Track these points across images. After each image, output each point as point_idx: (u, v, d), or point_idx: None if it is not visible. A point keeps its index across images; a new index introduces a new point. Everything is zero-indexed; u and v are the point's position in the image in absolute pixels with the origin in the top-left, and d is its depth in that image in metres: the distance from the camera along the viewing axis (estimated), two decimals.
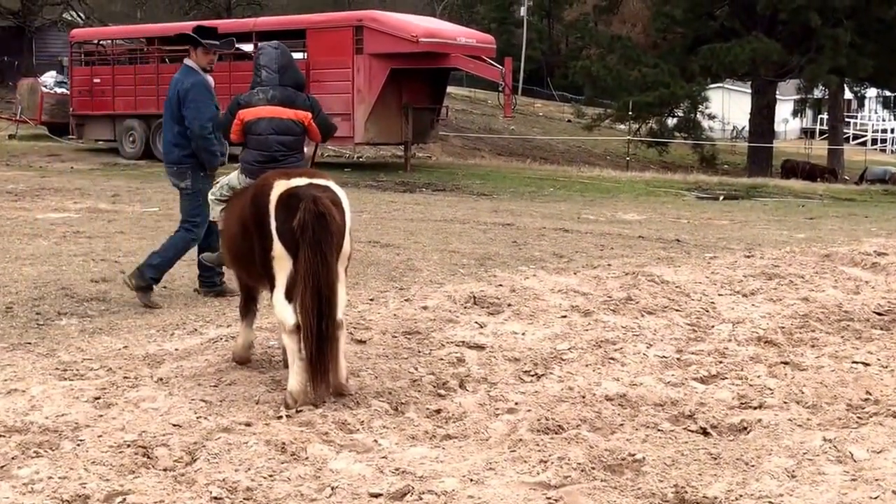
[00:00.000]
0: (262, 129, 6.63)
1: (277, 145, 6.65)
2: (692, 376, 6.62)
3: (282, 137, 6.65)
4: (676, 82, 40.15)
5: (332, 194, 6.00)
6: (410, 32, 24.05)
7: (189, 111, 9.20)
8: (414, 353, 7.09)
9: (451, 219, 16.28)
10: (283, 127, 6.64)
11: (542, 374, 6.68)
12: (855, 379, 6.47)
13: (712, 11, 42.88)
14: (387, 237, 13.38)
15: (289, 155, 6.68)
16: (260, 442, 5.21)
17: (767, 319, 8.20)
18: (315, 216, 5.72)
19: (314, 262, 5.73)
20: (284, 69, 6.66)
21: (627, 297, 8.82)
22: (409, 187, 23.09)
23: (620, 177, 28.84)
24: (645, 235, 14.64)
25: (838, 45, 37.40)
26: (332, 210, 5.80)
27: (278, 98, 6.63)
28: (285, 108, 6.63)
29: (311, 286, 5.74)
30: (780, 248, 12.22)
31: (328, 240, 5.76)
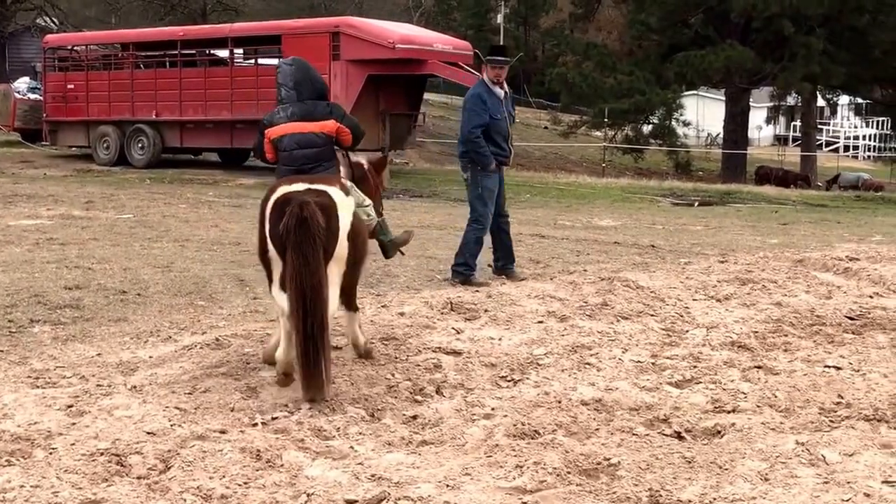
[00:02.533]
0: (287, 144, 6.90)
1: (303, 158, 6.89)
2: (667, 381, 6.64)
3: (306, 151, 6.89)
4: (651, 89, 40.32)
5: (325, 199, 6.18)
6: (387, 39, 24.02)
7: (462, 118, 10.75)
8: (391, 360, 7.08)
9: (429, 225, 16.27)
10: (305, 140, 6.88)
11: (518, 380, 6.69)
12: (827, 383, 6.51)
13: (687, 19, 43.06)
14: None
15: (316, 166, 6.87)
16: (235, 449, 5.18)
17: (741, 324, 8.24)
18: (298, 221, 5.94)
19: (297, 265, 5.95)
20: (300, 84, 6.92)
21: (603, 303, 8.85)
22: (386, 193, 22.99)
23: (596, 183, 28.92)
24: (620, 241, 14.68)
25: (811, 52, 37.63)
26: (316, 215, 5.97)
27: (298, 114, 6.89)
28: (305, 122, 6.87)
29: (295, 288, 5.96)
30: (754, 254, 12.30)
31: (310, 243, 5.95)
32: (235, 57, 27.42)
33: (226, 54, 27.36)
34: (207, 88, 26.28)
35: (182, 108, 26.56)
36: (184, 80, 26.55)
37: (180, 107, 26.57)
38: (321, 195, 6.21)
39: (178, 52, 27.15)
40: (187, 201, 19.34)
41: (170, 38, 28.06)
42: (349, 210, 6.40)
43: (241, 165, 28.55)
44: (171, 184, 23.50)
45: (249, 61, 28.02)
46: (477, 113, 10.49)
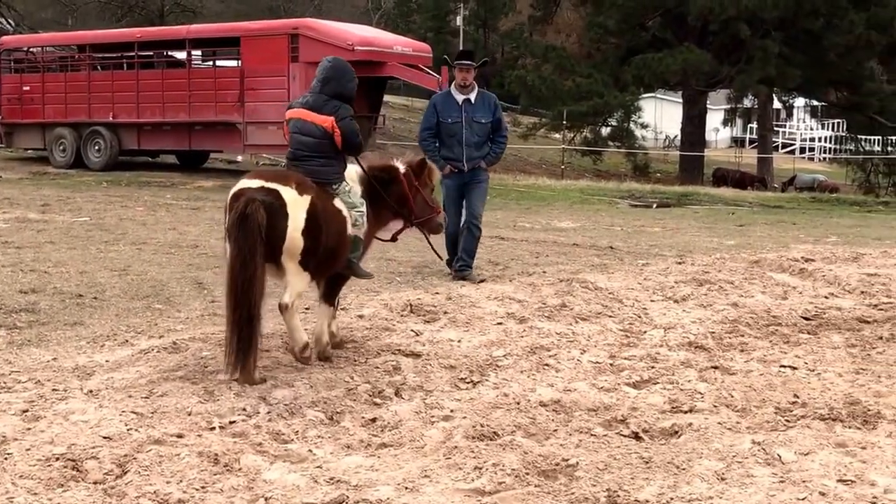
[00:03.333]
0: (291, 127, 7.17)
1: (299, 144, 7.10)
2: (625, 381, 6.68)
3: (303, 138, 7.09)
4: (610, 92, 40.50)
5: (272, 197, 6.40)
6: (346, 41, 23.97)
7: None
8: (350, 362, 7.06)
9: None
10: (305, 128, 7.08)
11: (477, 381, 6.70)
12: (783, 382, 6.57)
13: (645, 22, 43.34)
14: None
15: (311, 157, 7.04)
16: (192, 453, 5.14)
17: (698, 325, 8.30)
18: (239, 217, 6.27)
19: (232, 258, 6.31)
20: (328, 80, 7.15)
21: (562, 304, 8.88)
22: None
23: (556, 185, 29.02)
24: (579, 243, 14.74)
25: (767, 55, 37.99)
26: (257, 213, 6.24)
27: (310, 103, 7.14)
28: (312, 112, 7.08)
29: (229, 280, 6.32)
30: (711, 255, 12.39)
31: (247, 238, 6.23)
32: (193, 59, 27.27)
33: (183, 56, 27.20)
34: (165, 90, 26.12)
35: (139, 111, 26.39)
36: (141, 82, 26.37)
37: (137, 109, 26.39)
38: (270, 193, 6.43)
39: (135, 53, 26.94)
40: (145, 204, 19.20)
41: (127, 40, 27.86)
42: (302, 208, 6.53)
43: (200, 167, 28.40)
44: (129, 186, 23.31)
45: (208, 63, 27.87)
46: (426, 116, 11.03)
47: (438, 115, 10.85)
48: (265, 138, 25.30)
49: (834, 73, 41.39)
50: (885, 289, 9.85)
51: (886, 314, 8.85)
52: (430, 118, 10.94)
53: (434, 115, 10.89)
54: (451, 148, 10.74)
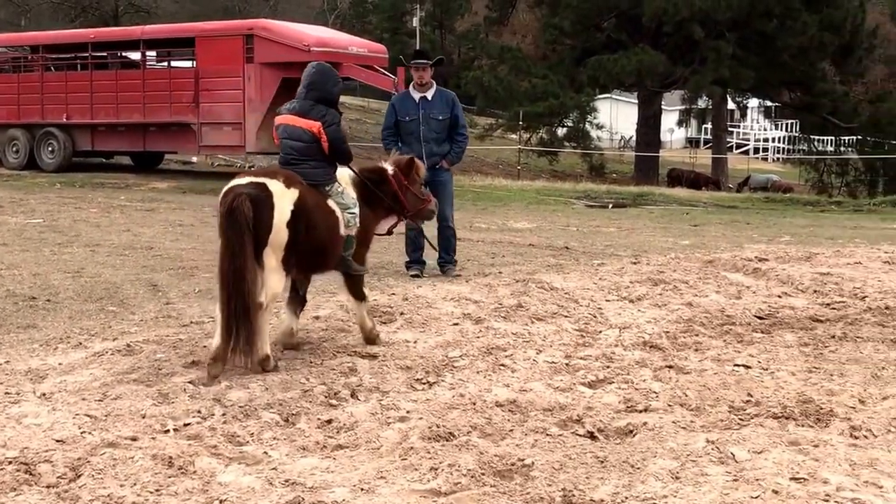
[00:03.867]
0: (280, 133, 7.44)
1: (289, 149, 7.34)
2: (580, 381, 6.70)
3: (292, 143, 7.32)
4: (565, 93, 40.63)
5: (259, 191, 6.65)
6: (302, 41, 23.88)
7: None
8: (306, 364, 7.04)
9: None
10: (294, 133, 7.31)
11: (433, 382, 6.69)
12: (737, 381, 6.62)
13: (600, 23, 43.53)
14: None
15: (301, 160, 7.26)
16: (146, 456, 5.11)
17: (653, 324, 8.35)
18: (227, 210, 6.54)
19: (222, 250, 6.57)
20: (311, 85, 7.37)
21: (518, 304, 8.90)
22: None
23: (512, 185, 29.08)
24: (535, 243, 14.78)
25: (721, 56, 38.29)
26: (244, 206, 6.50)
27: (297, 109, 7.37)
28: (299, 117, 7.31)
29: (220, 271, 6.56)
30: (666, 255, 12.46)
31: (235, 231, 6.49)
32: (148, 59, 27.06)
33: (138, 57, 26.99)
34: (119, 91, 25.91)
35: (93, 112, 26.16)
36: (95, 83, 26.15)
37: (91, 110, 26.16)
38: (257, 187, 6.68)
39: (88, 54, 26.70)
40: (99, 205, 19.03)
41: (81, 41, 27.61)
42: (289, 200, 6.74)
43: (154, 169, 28.18)
44: (83, 188, 23.10)
45: (162, 64, 27.66)
46: (385, 117, 11.37)
47: (397, 115, 11.04)
48: (220, 139, 25.17)
49: (787, 74, 41.78)
50: (838, 288, 9.96)
51: (839, 313, 8.95)
52: (389, 118, 11.21)
53: (392, 115, 11.12)
54: (410, 146, 10.79)
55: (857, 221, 21.82)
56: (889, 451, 5.23)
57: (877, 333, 8.20)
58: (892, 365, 7.18)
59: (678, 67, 40.63)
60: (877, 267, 11.21)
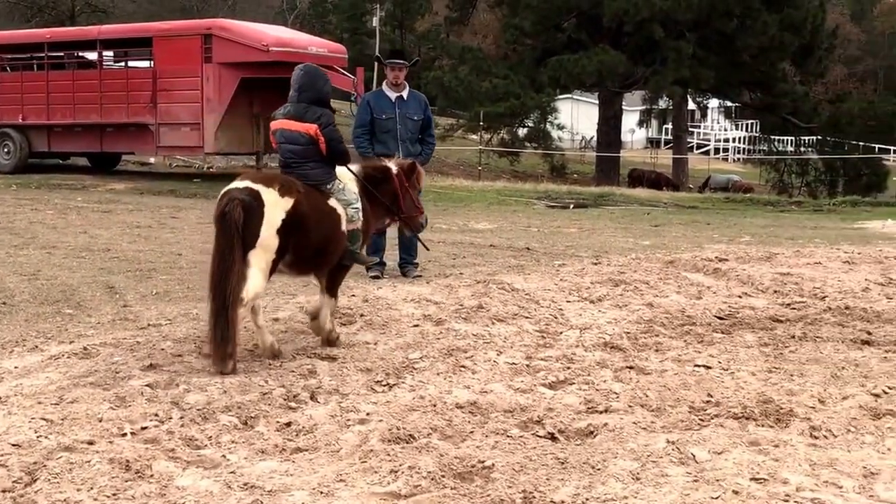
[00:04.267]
0: (278, 137, 7.66)
1: (287, 153, 7.59)
2: (541, 382, 6.72)
3: (290, 146, 7.56)
4: (526, 93, 40.67)
5: (251, 197, 6.90)
6: (261, 41, 23.78)
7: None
8: (264, 366, 7.02)
9: None
10: (291, 137, 7.55)
11: (393, 384, 6.69)
12: (697, 382, 6.66)
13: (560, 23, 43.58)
14: None
15: (301, 163, 7.52)
16: (103, 460, 5.07)
17: (613, 325, 8.39)
18: (219, 214, 6.86)
19: (213, 252, 6.90)
20: (302, 88, 7.57)
21: (479, 306, 8.92)
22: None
23: (473, 186, 29.10)
24: (496, 244, 14.81)
25: (681, 57, 38.45)
26: (235, 210, 6.79)
27: (291, 112, 7.59)
28: (294, 121, 7.53)
29: (210, 270, 6.87)
30: (626, 256, 12.53)
31: (225, 235, 6.80)
32: (105, 59, 26.85)
33: (95, 57, 26.77)
34: (76, 91, 25.67)
35: (49, 112, 25.92)
36: (51, 84, 25.90)
37: (48, 110, 25.92)
38: (250, 194, 6.94)
39: (45, 54, 26.44)
40: (55, 207, 18.86)
41: (36, 41, 27.33)
42: (282, 208, 6.99)
43: (112, 170, 27.96)
44: (39, 189, 22.88)
45: (119, 64, 27.44)
46: (360, 114, 11.23)
47: (372, 113, 10.97)
48: (178, 140, 24.99)
49: (747, 74, 42.05)
50: (798, 288, 10.06)
51: (799, 313, 9.04)
52: (364, 116, 11.10)
53: (368, 113, 11.04)
54: (385, 144, 10.77)
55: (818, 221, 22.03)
56: (849, 451, 5.29)
57: (836, 333, 8.28)
58: (852, 365, 7.25)
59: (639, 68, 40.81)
60: (836, 267, 11.33)
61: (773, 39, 38.89)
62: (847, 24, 79.77)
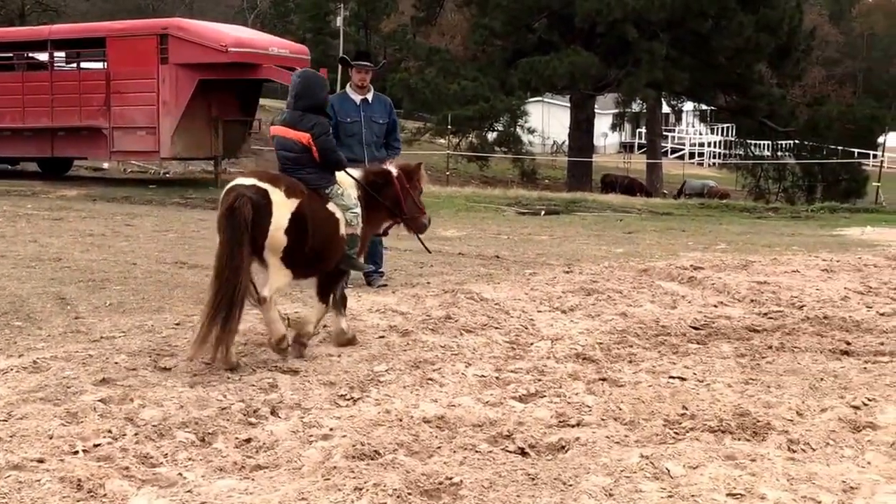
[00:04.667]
0: (275, 144, 8.02)
1: (284, 159, 7.93)
2: (511, 395, 6.73)
3: (286, 153, 7.89)
4: (496, 96, 40.76)
5: (259, 196, 7.23)
6: (219, 42, 23.72)
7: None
8: (223, 380, 6.99)
9: None
10: (286, 144, 7.88)
11: (358, 398, 6.68)
12: (672, 394, 6.69)
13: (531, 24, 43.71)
14: (195, 258, 13.15)
15: (297, 168, 7.80)
16: (54, 479, 5.03)
17: (586, 335, 8.42)
18: (228, 209, 7.14)
19: (220, 247, 7.16)
20: (299, 96, 7.90)
21: (447, 316, 8.94)
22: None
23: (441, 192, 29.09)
24: (465, 252, 14.82)
25: (655, 58, 38.64)
26: (244, 207, 7.08)
27: (287, 120, 7.93)
28: (289, 128, 7.87)
29: (216, 265, 7.18)
30: (599, 264, 12.58)
31: (234, 230, 7.07)
32: (56, 60, 26.69)
33: (45, 58, 26.61)
34: (25, 94, 25.53)
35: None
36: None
37: None
38: (258, 192, 7.26)
39: None
40: (3, 215, 18.71)
41: None
42: (288, 209, 7.34)
43: (63, 176, 27.78)
44: None
45: (71, 65, 27.29)
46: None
47: (337, 116, 10.88)
48: (133, 144, 24.88)
49: (722, 77, 42.34)
50: (775, 297, 10.13)
51: (776, 323, 9.10)
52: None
53: (332, 117, 10.91)
54: (350, 148, 10.70)
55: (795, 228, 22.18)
56: (828, 465, 5.32)
57: (815, 343, 8.34)
58: (831, 376, 7.30)
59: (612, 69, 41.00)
60: (815, 275, 11.42)
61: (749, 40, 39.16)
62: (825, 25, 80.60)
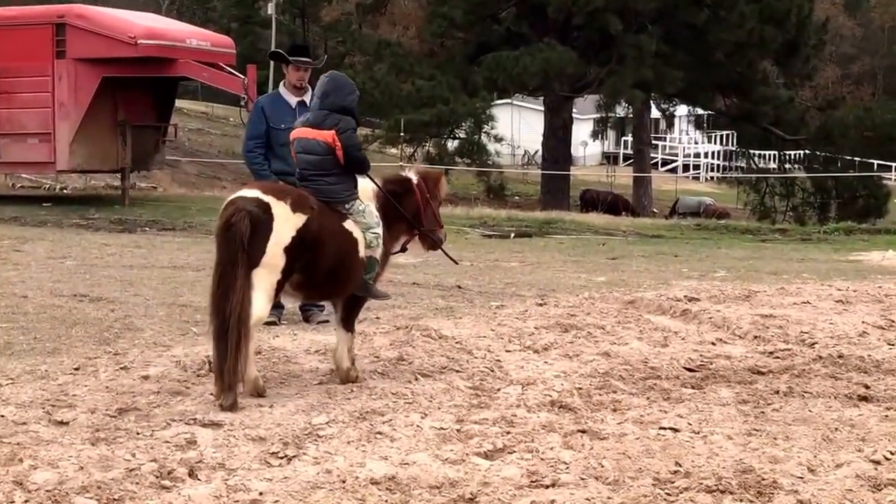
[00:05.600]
0: (296, 147, 8.37)
1: (304, 164, 8.27)
2: (474, 451, 6.71)
3: (307, 157, 8.25)
4: (457, 97, 40.83)
5: (260, 210, 7.51)
6: (127, 33, 23.64)
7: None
8: (131, 436, 6.93)
9: (183, 265, 16.06)
10: (308, 146, 8.24)
11: (293, 456, 6.64)
12: (663, 448, 6.70)
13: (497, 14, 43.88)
14: (98, 289, 13.07)
15: (318, 176, 8.18)
16: None
17: (562, 379, 8.43)
18: (223, 225, 7.45)
19: (215, 266, 7.53)
20: (326, 95, 8.30)
21: (399, 357, 8.94)
22: (127, 226, 22.65)
23: None
24: (420, 281, 14.82)
25: (642, 54, 38.77)
26: (241, 223, 7.37)
27: (311, 120, 8.32)
28: (313, 129, 8.24)
29: (213, 287, 7.53)
30: (578, 295, 12.61)
31: (229, 248, 7.40)
32: None
33: None
34: None
35: None
36: None
37: None
38: (260, 206, 7.55)
39: None
40: None
41: None
42: (292, 225, 7.63)
43: None
44: None
45: None
46: (253, 123, 11.24)
47: (268, 122, 10.82)
48: (24, 154, 24.74)
49: (721, 76, 42.59)
50: (782, 333, 10.19)
51: (783, 363, 9.15)
52: (258, 126, 10.97)
53: (262, 122, 10.87)
54: (285, 160, 10.44)
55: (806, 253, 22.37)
56: None
57: (829, 387, 8.39)
58: (847, 426, 7.34)
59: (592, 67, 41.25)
60: (828, 307, 11.51)
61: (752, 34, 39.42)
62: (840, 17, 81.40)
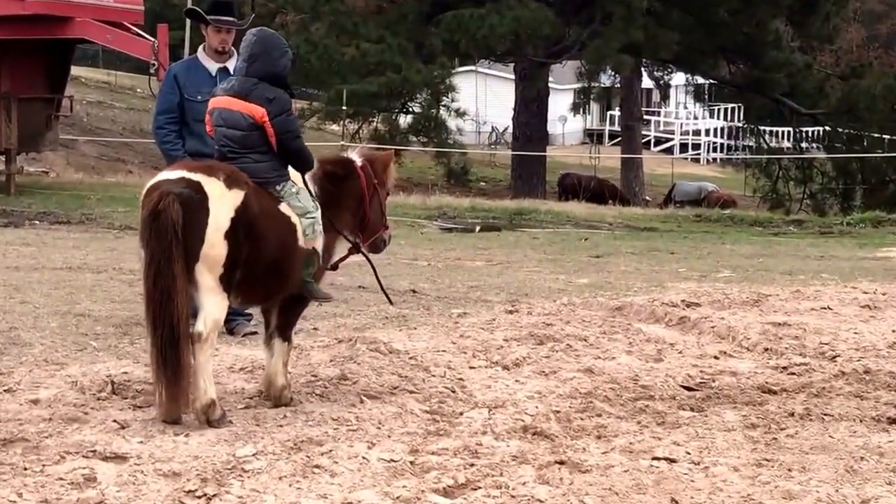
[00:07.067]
0: (215, 119, 8.16)
1: (224, 139, 8.09)
2: (432, 487, 6.71)
3: (229, 131, 8.05)
4: (410, 64, 40.77)
5: (191, 191, 7.40)
6: None
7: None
8: (17, 472, 6.89)
9: (80, 266, 15.99)
10: (231, 119, 8.03)
11: (213, 495, 6.63)
12: (656, 482, 6.72)
13: None
14: None
15: (241, 154, 8.01)
16: None
17: (537, 401, 8.44)
18: (150, 215, 7.35)
19: (146, 267, 7.43)
20: (253, 58, 8.09)
21: (341, 376, 8.93)
22: (13, 219, 22.55)
23: None
24: (367, 285, 14.80)
25: (632, 13, 38.79)
26: (171, 208, 7.25)
27: (236, 88, 8.08)
28: (238, 99, 8.00)
29: (145, 289, 7.47)
30: (556, 300, 12.63)
31: (161, 241, 7.29)
32: None
33: None
34: None
35: None
36: None
37: None
38: (189, 186, 7.44)
39: None
40: None
41: None
42: (230, 205, 7.50)
43: None
44: None
45: None
46: (164, 95, 11.16)
47: (182, 92, 10.71)
48: None
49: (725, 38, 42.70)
50: (798, 344, 10.23)
51: (799, 380, 9.18)
52: (170, 97, 10.88)
53: (175, 93, 10.75)
54: (202, 138, 10.31)
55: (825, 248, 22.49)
56: None
57: (853, 409, 8.43)
58: (874, 454, 7.38)
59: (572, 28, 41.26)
60: (852, 314, 11.57)
61: None
62: None
